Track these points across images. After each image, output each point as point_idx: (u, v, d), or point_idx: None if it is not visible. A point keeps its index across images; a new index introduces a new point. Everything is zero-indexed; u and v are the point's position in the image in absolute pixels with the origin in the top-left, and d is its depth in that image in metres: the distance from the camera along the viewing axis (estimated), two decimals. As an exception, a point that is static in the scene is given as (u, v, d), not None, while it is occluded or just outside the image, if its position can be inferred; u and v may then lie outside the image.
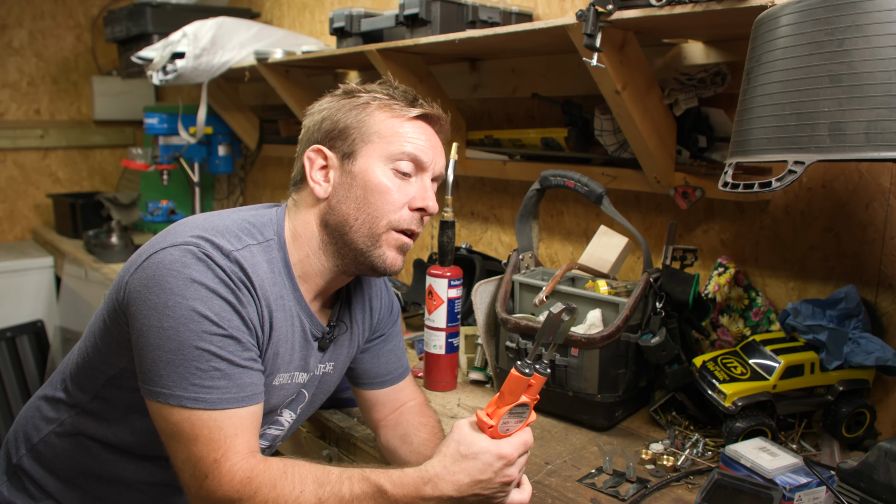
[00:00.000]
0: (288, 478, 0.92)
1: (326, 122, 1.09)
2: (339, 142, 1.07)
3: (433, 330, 1.51)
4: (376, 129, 1.07)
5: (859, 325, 1.29)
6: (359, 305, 1.22)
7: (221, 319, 0.94)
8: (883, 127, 0.89)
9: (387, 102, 1.08)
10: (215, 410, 0.93)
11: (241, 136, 3.09)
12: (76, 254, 3.00)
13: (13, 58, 3.63)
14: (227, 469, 0.91)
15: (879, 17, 0.89)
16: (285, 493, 0.91)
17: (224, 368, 0.94)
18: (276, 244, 1.07)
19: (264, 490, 0.90)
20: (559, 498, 1.11)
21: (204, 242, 0.97)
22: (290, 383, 1.11)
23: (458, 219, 2.24)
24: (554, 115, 1.91)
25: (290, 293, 1.07)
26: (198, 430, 0.93)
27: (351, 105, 1.08)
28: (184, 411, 0.93)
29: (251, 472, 0.92)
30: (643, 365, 1.37)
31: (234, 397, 0.95)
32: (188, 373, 0.93)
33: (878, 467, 0.93)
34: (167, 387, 0.93)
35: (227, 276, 0.96)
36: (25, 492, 1.15)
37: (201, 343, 0.93)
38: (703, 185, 1.51)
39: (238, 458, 0.92)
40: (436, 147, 1.11)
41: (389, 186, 1.05)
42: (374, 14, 1.97)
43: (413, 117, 1.09)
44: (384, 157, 1.06)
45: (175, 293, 0.93)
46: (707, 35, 1.49)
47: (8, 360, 3.07)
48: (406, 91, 1.11)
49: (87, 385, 1.10)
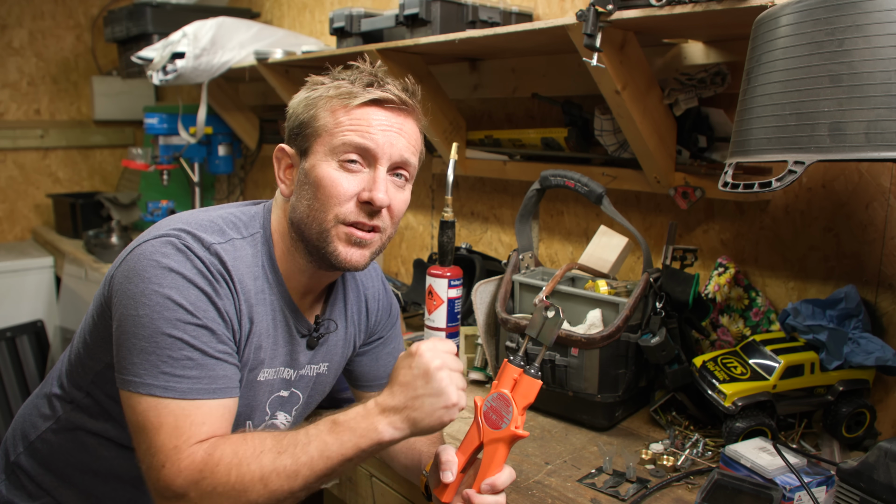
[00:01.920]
0: (248, 441, 0.92)
1: (290, 118, 1.08)
2: (299, 138, 1.06)
3: (433, 330, 1.51)
4: (324, 122, 1.03)
5: (859, 325, 1.29)
6: (353, 306, 1.22)
7: (196, 309, 0.94)
8: (883, 127, 0.89)
9: (340, 92, 1.03)
10: (184, 400, 0.92)
11: (241, 136, 3.09)
12: (76, 254, 3.00)
13: (13, 58, 3.63)
14: (187, 454, 0.90)
15: (879, 17, 0.89)
16: (247, 455, 0.90)
17: (197, 358, 0.94)
18: (262, 238, 1.07)
19: (226, 459, 0.89)
20: (559, 498, 1.11)
21: (185, 235, 0.98)
22: (275, 379, 1.10)
23: (458, 219, 2.24)
24: (554, 115, 1.91)
25: (273, 288, 1.06)
26: (164, 419, 0.91)
27: (308, 100, 1.06)
28: (152, 399, 0.92)
29: (212, 447, 0.91)
30: (643, 365, 1.37)
31: (205, 388, 0.94)
32: (160, 360, 0.92)
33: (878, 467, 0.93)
34: (138, 375, 0.93)
35: (206, 268, 0.96)
36: (23, 489, 1.15)
37: (174, 331, 0.93)
38: (703, 185, 1.51)
39: (199, 444, 0.91)
40: (390, 130, 1.03)
41: (334, 179, 1.01)
42: (374, 14, 1.97)
43: (361, 103, 1.02)
44: (329, 150, 1.02)
45: (152, 282, 0.94)
46: (707, 35, 1.49)
47: (8, 360, 3.07)
48: (370, 73, 1.05)
49: (80, 381, 1.10)
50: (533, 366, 0.98)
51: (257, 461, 0.90)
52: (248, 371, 1.05)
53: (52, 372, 1.20)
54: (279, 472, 0.90)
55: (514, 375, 0.98)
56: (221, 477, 0.89)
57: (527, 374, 0.97)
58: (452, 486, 0.98)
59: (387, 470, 1.25)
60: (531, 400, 0.97)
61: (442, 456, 1.00)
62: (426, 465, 1.08)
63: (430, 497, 1.04)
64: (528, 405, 0.97)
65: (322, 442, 0.92)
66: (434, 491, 1.01)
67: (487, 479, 0.96)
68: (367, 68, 1.07)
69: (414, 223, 2.45)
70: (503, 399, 0.97)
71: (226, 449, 0.90)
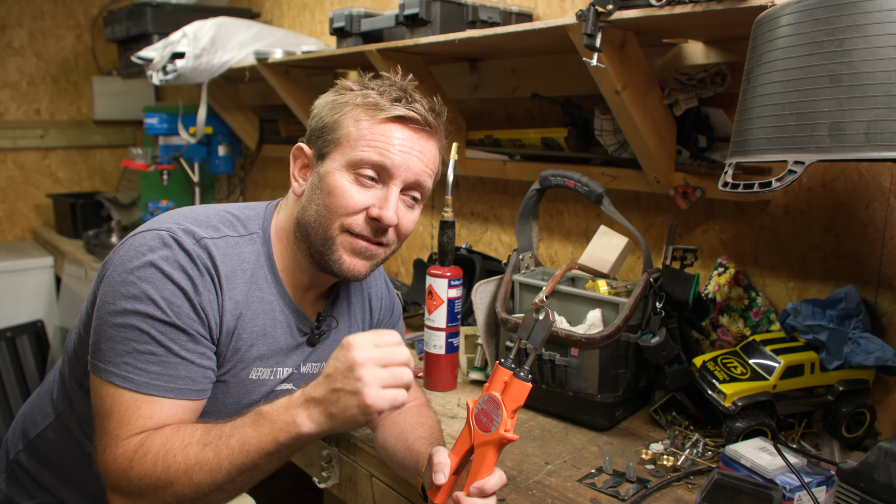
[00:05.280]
0: (179, 433, 0.91)
1: (314, 119, 1.08)
2: (319, 141, 1.06)
3: (433, 330, 1.51)
4: (347, 130, 1.03)
5: (859, 325, 1.29)
6: (357, 304, 1.22)
7: (170, 306, 0.95)
8: (883, 127, 0.89)
9: (367, 101, 1.03)
10: (139, 393, 0.93)
11: (241, 136, 3.09)
12: (76, 254, 3.00)
13: (13, 58, 3.63)
14: (124, 443, 0.91)
15: (879, 17, 0.89)
16: (174, 446, 0.90)
17: (161, 354, 0.94)
18: (261, 238, 1.08)
19: (153, 450, 0.90)
20: (559, 498, 1.11)
21: (177, 229, 0.99)
22: (271, 379, 1.10)
23: (458, 219, 2.24)
24: (554, 115, 1.91)
25: (271, 287, 1.07)
26: (115, 407, 0.93)
27: (334, 104, 1.06)
28: (110, 387, 0.94)
29: (144, 437, 0.91)
30: (643, 365, 1.37)
31: (163, 385, 0.94)
32: (125, 351, 0.94)
33: (878, 467, 0.93)
34: (102, 360, 0.94)
35: (191, 261, 0.97)
36: (22, 487, 1.15)
37: (143, 325, 0.94)
38: (703, 185, 1.51)
39: (136, 435, 0.92)
40: (410, 152, 1.03)
41: (346, 191, 1.02)
42: (374, 14, 1.97)
43: (385, 119, 1.02)
44: (347, 161, 1.02)
45: (132, 274, 0.95)
46: (707, 35, 1.49)
47: (8, 360, 3.07)
48: (400, 88, 1.05)
49: (76, 373, 1.11)
50: (523, 368, 0.97)
51: (183, 453, 0.89)
52: (239, 369, 1.05)
53: (52, 369, 1.20)
54: (202, 464, 0.88)
55: (504, 378, 0.97)
56: (148, 467, 0.89)
57: (517, 376, 0.96)
58: (445, 488, 0.98)
59: (387, 470, 1.25)
60: (521, 403, 0.96)
61: (435, 457, 0.99)
62: (423, 465, 1.08)
63: (426, 498, 1.04)
64: (518, 408, 0.96)
65: (243, 434, 0.89)
66: (428, 492, 1.01)
67: (476, 483, 0.95)
68: (397, 81, 1.07)
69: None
70: (493, 402, 0.96)
71: (155, 440, 0.91)
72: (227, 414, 1.03)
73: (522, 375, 0.96)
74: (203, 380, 0.99)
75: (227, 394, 1.07)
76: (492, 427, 0.96)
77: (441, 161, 1.12)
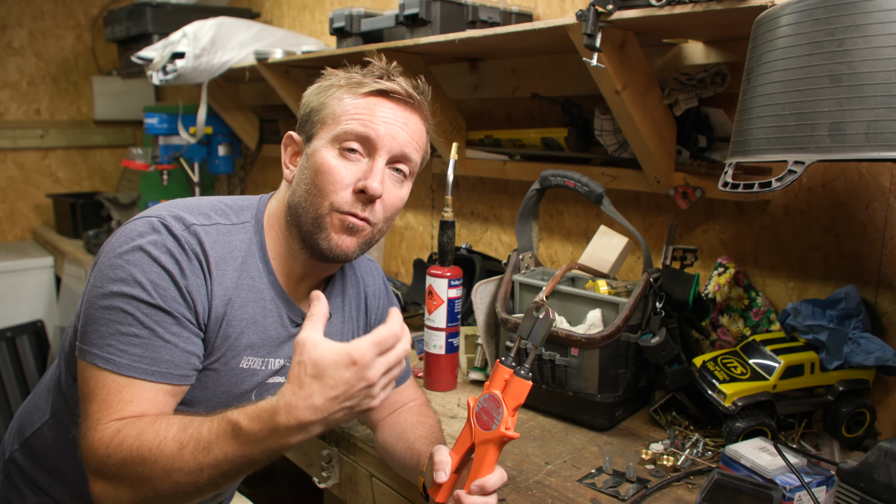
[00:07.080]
0: (154, 425, 0.90)
1: (302, 107, 1.10)
2: (307, 126, 1.08)
3: (433, 330, 1.51)
4: (331, 109, 1.04)
5: (859, 325, 1.29)
6: (352, 301, 1.22)
7: (156, 288, 0.95)
8: (883, 127, 0.89)
9: (349, 81, 1.04)
10: (120, 375, 0.93)
11: (241, 136, 3.09)
12: (76, 254, 3.01)
13: (13, 58, 3.63)
14: (103, 427, 0.91)
15: (879, 17, 0.89)
16: (149, 440, 0.88)
17: (144, 336, 0.94)
18: (253, 227, 1.08)
19: (129, 441, 0.88)
20: (559, 498, 1.11)
21: (168, 215, 1.00)
22: (262, 369, 1.10)
23: (458, 219, 2.24)
24: (554, 115, 1.91)
25: (262, 275, 1.07)
26: (98, 390, 0.93)
27: (319, 88, 1.08)
28: (94, 369, 0.94)
29: (122, 426, 0.90)
30: (643, 365, 1.37)
31: (144, 368, 0.94)
32: (108, 332, 0.94)
33: (878, 467, 0.93)
34: (87, 343, 0.95)
35: (179, 246, 0.97)
36: (15, 488, 1.15)
37: (127, 306, 0.94)
38: (703, 185, 1.51)
39: (116, 420, 0.91)
40: (394, 122, 1.03)
41: (332, 166, 1.02)
42: (374, 14, 1.97)
43: (367, 93, 1.03)
44: (332, 137, 1.03)
45: (120, 257, 0.96)
46: (707, 35, 1.49)
47: (8, 360, 3.07)
48: (382, 68, 1.07)
49: (72, 370, 1.11)
50: (523, 367, 0.97)
51: (158, 449, 0.87)
52: (230, 357, 1.05)
53: (49, 368, 1.21)
54: (182, 468, 0.86)
55: (504, 376, 0.98)
56: (125, 456, 0.88)
57: (517, 374, 0.97)
58: (446, 486, 0.98)
59: (387, 470, 1.25)
60: (521, 401, 0.97)
61: (435, 456, 0.99)
62: (424, 465, 1.08)
63: (427, 497, 1.04)
64: (519, 406, 0.97)
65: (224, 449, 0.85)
66: (429, 491, 1.01)
67: (477, 481, 0.95)
68: (381, 65, 1.08)
69: (414, 223, 2.45)
70: (494, 400, 0.97)
71: (131, 430, 0.89)
72: (217, 403, 1.03)
73: (523, 373, 0.97)
74: (186, 365, 0.98)
75: (217, 383, 1.06)
76: (492, 425, 0.96)
77: (428, 141, 1.12)
